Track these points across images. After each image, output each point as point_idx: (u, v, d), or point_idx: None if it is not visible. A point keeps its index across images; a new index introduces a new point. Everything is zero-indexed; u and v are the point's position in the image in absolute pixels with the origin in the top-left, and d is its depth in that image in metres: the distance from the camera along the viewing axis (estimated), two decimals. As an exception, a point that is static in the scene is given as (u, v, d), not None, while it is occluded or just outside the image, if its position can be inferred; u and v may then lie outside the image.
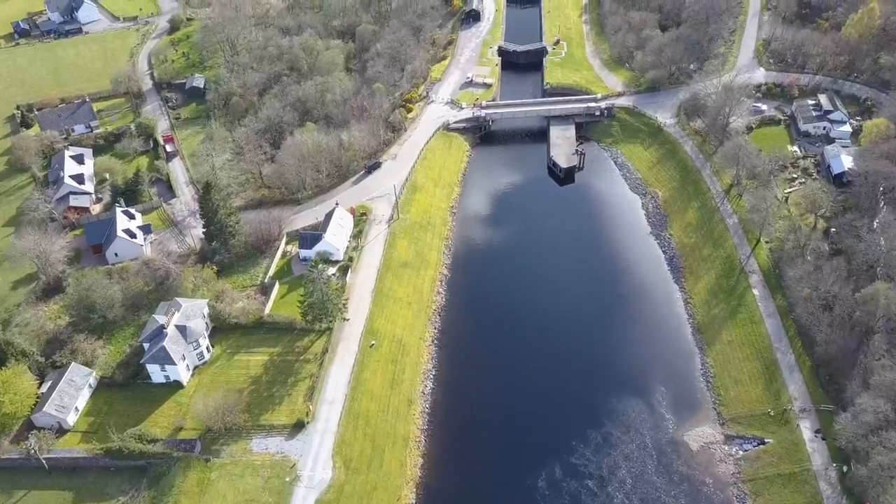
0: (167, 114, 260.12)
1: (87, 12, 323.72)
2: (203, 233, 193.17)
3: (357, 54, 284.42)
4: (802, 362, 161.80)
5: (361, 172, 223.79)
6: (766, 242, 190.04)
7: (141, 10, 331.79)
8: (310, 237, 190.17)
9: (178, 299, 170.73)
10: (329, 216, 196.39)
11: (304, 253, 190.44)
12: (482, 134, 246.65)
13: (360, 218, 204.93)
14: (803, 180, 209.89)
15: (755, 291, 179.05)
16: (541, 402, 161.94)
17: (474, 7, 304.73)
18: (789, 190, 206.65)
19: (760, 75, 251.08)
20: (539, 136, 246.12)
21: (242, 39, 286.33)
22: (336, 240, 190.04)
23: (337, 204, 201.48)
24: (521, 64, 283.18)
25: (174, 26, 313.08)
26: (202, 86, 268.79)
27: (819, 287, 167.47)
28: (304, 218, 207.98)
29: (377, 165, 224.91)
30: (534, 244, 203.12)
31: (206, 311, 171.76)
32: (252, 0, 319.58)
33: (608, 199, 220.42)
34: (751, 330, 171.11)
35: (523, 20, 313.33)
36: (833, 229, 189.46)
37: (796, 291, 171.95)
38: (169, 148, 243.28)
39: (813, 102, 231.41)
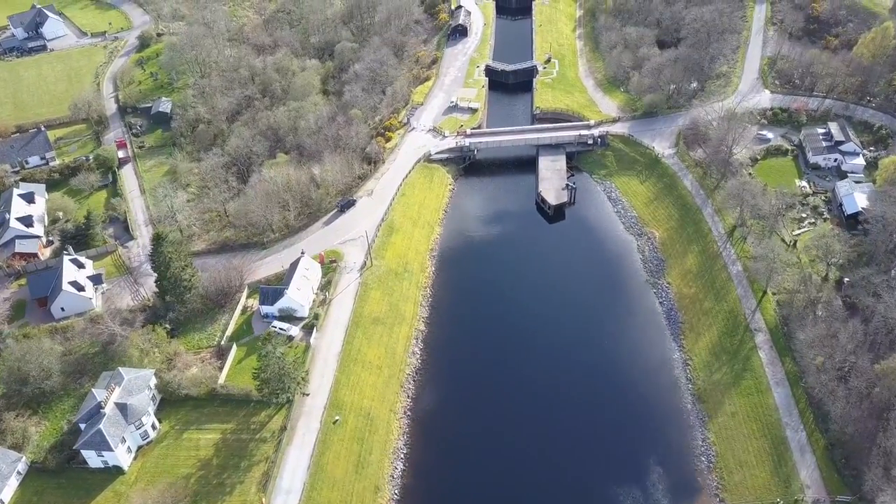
0: (130, 142, 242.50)
1: (52, 28, 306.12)
2: (156, 286, 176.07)
3: (335, 74, 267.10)
4: (815, 441, 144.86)
5: (334, 211, 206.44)
6: (774, 294, 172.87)
7: (110, 24, 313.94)
8: (271, 292, 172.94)
9: (121, 369, 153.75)
10: (294, 266, 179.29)
11: (265, 309, 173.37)
12: (466, 164, 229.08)
13: (330, 266, 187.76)
14: (813, 220, 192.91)
15: (761, 354, 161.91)
16: (522, 487, 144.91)
17: (461, 22, 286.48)
18: (798, 232, 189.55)
19: (766, 98, 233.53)
20: (527, 164, 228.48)
21: (214, 58, 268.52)
22: (300, 295, 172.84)
23: (303, 253, 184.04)
24: (509, 84, 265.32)
25: (144, 43, 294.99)
26: (169, 111, 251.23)
27: (833, 355, 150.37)
28: (269, 265, 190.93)
29: (351, 203, 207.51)
30: (519, 294, 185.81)
31: (152, 382, 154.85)
32: (226, 15, 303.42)
33: (601, 239, 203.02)
34: (757, 401, 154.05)
35: (513, 34, 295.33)
36: (846, 279, 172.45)
37: (807, 357, 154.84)
38: (121, 154, 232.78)
39: (823, 131, 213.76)
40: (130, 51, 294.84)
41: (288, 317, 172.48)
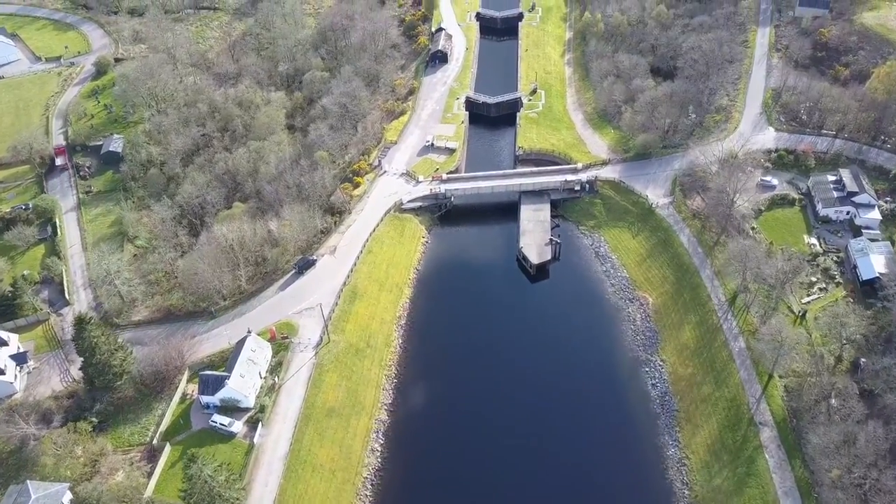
0: (76, 186, 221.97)
1: (3, 52, 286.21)
2: (81, 372, 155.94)
3: (303, 106, 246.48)
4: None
5: (291, 273, 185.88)
6: (781, 378, 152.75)
7: (66, 48, 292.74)
8: (212, 380, 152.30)
9: (29, 484, 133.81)
10: (239, 346, 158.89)
11: (205, 399, 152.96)
12: (441, 213, 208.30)
13: (282, 342, 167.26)
14: (824, 286, 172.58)
15: (767, 455, 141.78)
16: None
17: (441, 47, 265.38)
18: (807, 300, 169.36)
19: (770, 138, 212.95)
20: (509, 211, 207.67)
21: (172, 88, 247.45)
22: (244, 383, 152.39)
23: (249, 331, 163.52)
24: (491, 117, 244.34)
25: (100, 69, 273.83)
26: (121, 150, 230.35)
27: (851, 469, 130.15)
28: (215, 339, 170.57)
29: (310, 264, 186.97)
30: (495, 374, 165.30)
31: (67, 498, 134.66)
32: (189, 38, 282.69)
33: (587, 305, 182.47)
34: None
35: (498, 59, 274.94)
36: (863, 360, 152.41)
37: (821, 466, 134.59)
38: (59, 161, 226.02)
39: (833, 179, 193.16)
40: (86, 78, 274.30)
41: (231, 407, 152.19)
